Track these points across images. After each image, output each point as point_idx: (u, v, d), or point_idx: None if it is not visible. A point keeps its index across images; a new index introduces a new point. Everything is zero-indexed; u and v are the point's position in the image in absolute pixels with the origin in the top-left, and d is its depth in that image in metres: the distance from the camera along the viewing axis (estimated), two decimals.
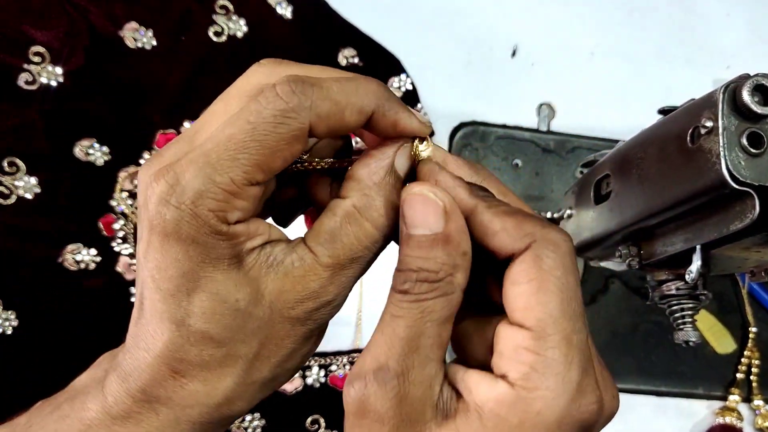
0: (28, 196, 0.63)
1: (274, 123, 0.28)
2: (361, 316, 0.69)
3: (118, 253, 0.64)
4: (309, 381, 0.65)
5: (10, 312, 0.61)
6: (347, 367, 0.66)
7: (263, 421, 0.63)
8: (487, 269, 0.32)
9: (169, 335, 0.30)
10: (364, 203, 0.31)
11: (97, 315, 0.63)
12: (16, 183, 0.63)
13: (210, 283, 0.29)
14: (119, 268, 0.64)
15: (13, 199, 0.63)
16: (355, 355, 0.66)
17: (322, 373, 0.65)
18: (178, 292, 0.29)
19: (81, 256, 0.63)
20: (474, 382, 0.29)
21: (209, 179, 0.28)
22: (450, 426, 0.29)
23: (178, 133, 0.68)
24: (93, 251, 0.64)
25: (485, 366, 0.30)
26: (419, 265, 0.29)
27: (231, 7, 0.71)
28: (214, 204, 0.28)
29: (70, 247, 0.63)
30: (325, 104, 0.29)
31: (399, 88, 0.73)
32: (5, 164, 0.63)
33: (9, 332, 0.61)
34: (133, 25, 0.69)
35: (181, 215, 0.28)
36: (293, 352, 0.32)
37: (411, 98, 0.72)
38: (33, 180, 0.64)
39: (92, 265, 0.63)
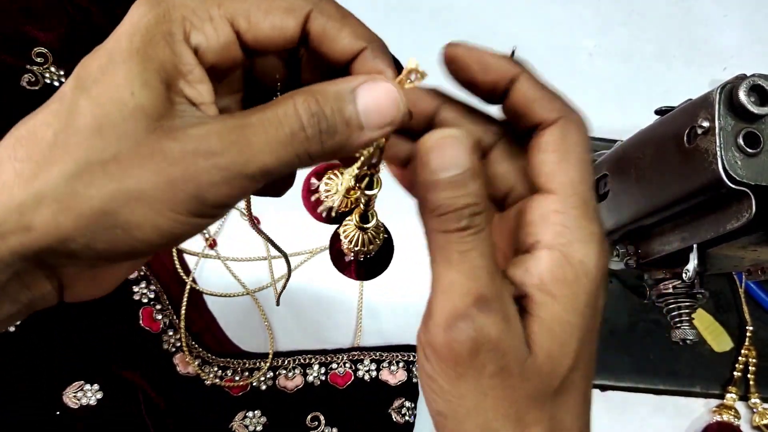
0: None
1: None
2: (362, 316, 0.69)
3: None
4: (309, 379, 0.65)
5: None
6: (347, 365, 0.66)
7: (264, 419, 0.64)
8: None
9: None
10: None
11: (99, 313, 0.63)
12: None
13: (123, 72, 0.28)
14: None
15: None
16: (355, 353, 0.67)
17: (323, 370, 0.66)
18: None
19: None
20: (520, 274, 0.31)
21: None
22: (534, 321, 0.30)
23: None
24: None
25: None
26: (466, 201, 0.29)
27: None
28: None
29: None
30: None
31: None
32: None
33: (12, 330, 0.61)
34: None
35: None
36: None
37: None
38: None
39: None
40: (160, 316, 0.64)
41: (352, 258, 0.41)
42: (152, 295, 0.64)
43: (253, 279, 0.69)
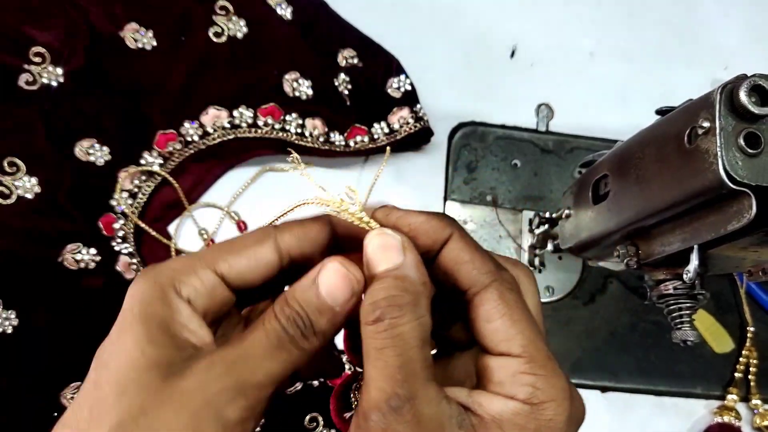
0: (29, 196, 0.63)
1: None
2: None
3: (119, 253, 0.65)
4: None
5: (10, 311, 0.61)
6: (347, 366, 0.66)
7: (262, 420, 0.63)
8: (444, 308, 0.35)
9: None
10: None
11: (96, 314, 0.63)
12: (17, 183, 0.63)
13: (132, 336, 0.32)
14: (119, 268, 0.64)
15: (13, 199, 0.63)
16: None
17: None
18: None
19: (81, 255, 0.63)
20: (485, 400, 0.31)
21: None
22: None
23: (178, 133, 0.68)
24: (93, 251, 0.64)
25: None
26: (385, 294, 0.31)
27: (231, 8, 0.72)
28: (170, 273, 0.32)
29: (70, 246, 0.63)
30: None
31: (398, 88, 0.73)
32: (5, 164, 0.63)
33: (9, 331, 0.61)
34: (134, 26, 0.69)
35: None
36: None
37: (410, 99, 0.73)
38: (33, 180, 0.64)
39: (92, 265, 0.64)
40: None
41: None
42: None
43: None
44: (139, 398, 0.30)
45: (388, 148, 0.72)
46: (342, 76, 0.72)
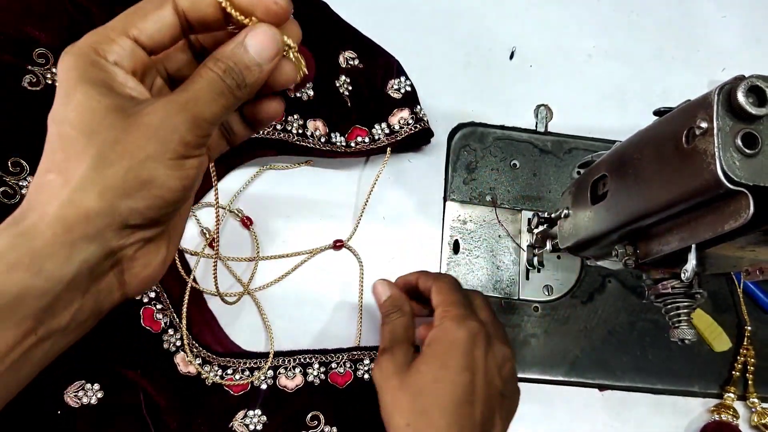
0: None
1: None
2: (362, 315, 0.70)
3: None
4: (309, 378, 0.65)
5: None
6: (347, 364, 0.66)
7: (264, 418, 0.64)
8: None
9: (48, 135, 0.37)
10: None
11: None
12: (21, 183, 0.63)
13: (81, 93, 0.36)
14: None
15: (17, 199, 0.63)
16: (355, 352, 0.67)
17: (323, 370, 0.66)
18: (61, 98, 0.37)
19: None
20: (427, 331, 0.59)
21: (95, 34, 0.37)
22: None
23: None
24: None
25: None
26: (387, 307, 0.63)
27: None
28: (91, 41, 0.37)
29: None
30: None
31: (398, 89, 0.73)
32: (9, 164, 0.63)
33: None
34: None
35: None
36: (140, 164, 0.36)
37: (410, 100, 0.73)
38: None
39: None
40: (160, 316, 0.64)
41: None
42: (153, 295, 0.65)
43: (254, 279, 0.70)
44: (111, 133, 0.35)
45: (388, 149, 0.72)
46: (342, 77, 0.73)
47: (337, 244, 0.71)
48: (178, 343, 0.64)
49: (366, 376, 0.66)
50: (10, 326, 0.35)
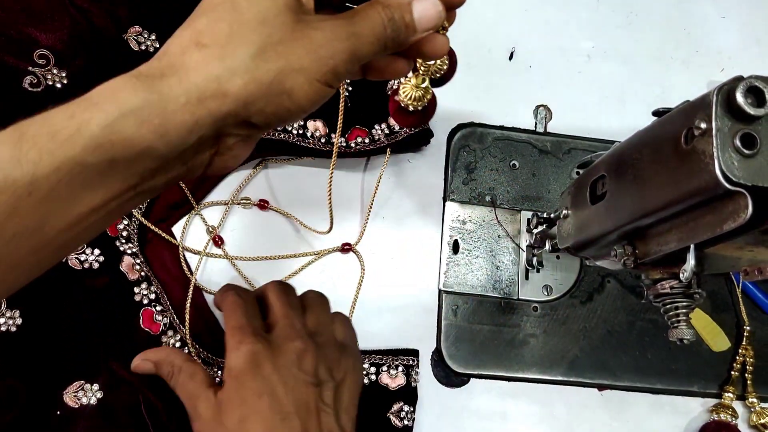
0: None
1: None
2: (360, 318, 0.70)
3: (123, 253, 0.65)
4: None
5: (14, 310, 0.61)
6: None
7: None
8: None
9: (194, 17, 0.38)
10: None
11: (100, 314, 0.63)
12: None
13: None
14: (123, 268, 0.64)
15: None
16: None
17: None
18: None
19: (85, 255, 0.64)
20: None
21: None
22: None
23: None
24: (96, 251, 0.64)
25: None
26: (164, 373, 0.58)
27: None
28: None
29: None
30: None
31: None
32: None
33: (13, 330, 0.61)
34: (137, 28, 0.69)
35: None
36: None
37: None
38: None
39: (96, 265, 0.64)
40: (160, 317, 0.64)
41: (410, 108, 0.54)
42: (153, 297, 0.65)
43: (257, 279, 0.70)
44: (278, 31, 0.37)
45: (388, 149, 0.72)
46: None
47: (345, 248, 0.71)
48: (178, 344, 0.64)
49: (365, 380, 0.66)
50: (122, 179, 0.36)
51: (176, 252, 0.68)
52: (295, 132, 0.70)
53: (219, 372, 0.65)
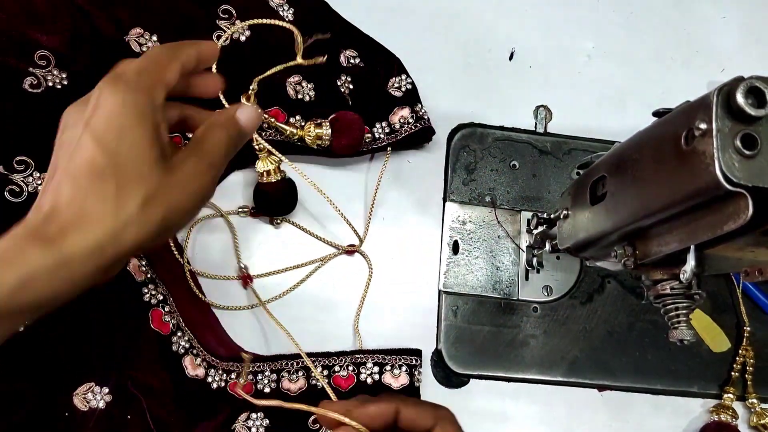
0: (41, 191, 0.64)
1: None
2: (365, 318, 0.70)
3: None
4: (313, 381, 0.65)
5: None
6: (350, 368, 0.66)
7: (267, 421, 0.64)
8: None
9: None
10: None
11: (105, 313, 0.63)
12: (27, 180, 0.63)
13: (139, 134, 0.41)
14: (129, 269, 0.64)
15: (24, 197, 0.63)
16: (358, 356, 0.67)
17: (326, 372, 0.66)
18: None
19: None
20: None
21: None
22: None
23: (184, 137, 0.68)
24: None
25: None
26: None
27: (233, 11, 0.72)
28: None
29: None
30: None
31: (399, 88, 0.73)
32: (14, 163, 0.63)
33: (20, 329, 0.61)
34: (138, 30, 0.69)
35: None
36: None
37: (411, 98, 0.73)
38: (44, 176, 0.64)
39: None
40: (168, 318, 0.64)
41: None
42: (160, 297, 0.65)
43: (259, 286, 0.70)
44: (155, 182, 0.41)
45: (389, 149, 0.72)
46: (344, 76, 0.73)
47: (350, 250, 0.71)
48: (187, 345, 0.64)
49: (369, 379, 0.66)
50: (16, 323, 0.40)
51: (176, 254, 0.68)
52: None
53: (224, 375, 0.65)
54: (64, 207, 0.39)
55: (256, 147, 0.67)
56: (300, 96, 0.71)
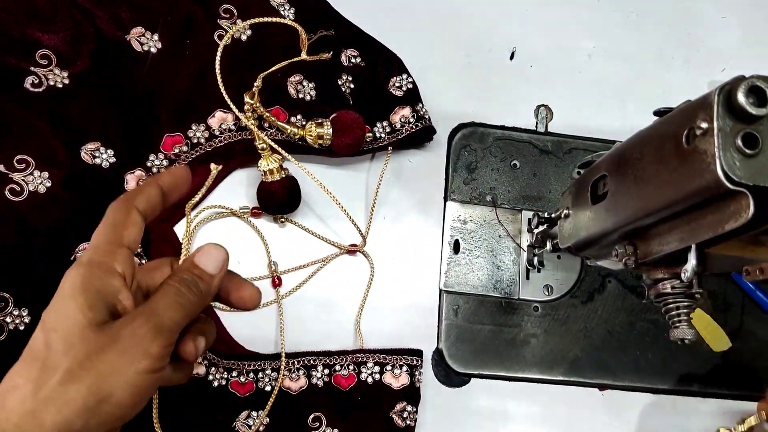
0: (41, 189, 0.64)
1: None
2: (366, 318, 0.70)
3: None
4: (314, 380, 0.66)
5: (22, 309, 0.61)
6: (351, 367, 0.67)
7: (267, 419, 0.64)
8: None
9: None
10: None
11: None
12: (27, 179, 0.63)
13: (74, 304, 0.41)
14: None
15: (25, 195, 0.63)
16: (359, 355, 0.67)
17: (326, 371, 0.66)
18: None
19: None
20: None
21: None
22: None
23: (185, 135, 0.68)
24: None
25: None
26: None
27: (235, 10, 0.72)
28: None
29: (83, 245, 0.64)
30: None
31: (400, 87, 0.73)
32: (15, 162, 0.63)
33: (21, 328, 0.61)
34: (139, 29, 0.69)
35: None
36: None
37: (412, 97, 0.73)
38: (44, 174, 0.64)
39: None
40: None
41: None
42: None
43: (261, 286, 0.70)
44: (84, 348, 0.39)
45: (390, 148, 0.72)
46: (344, 75, 0.73)
47: (352, 249, 0.72)
48: None
49: (369, 379, 0.66)
50: None
51: (178, 252, 0.68)
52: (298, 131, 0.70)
53: (226, 374, 0.65)
54: (1, 386, 0.40)
55: (259, 146, 0.66)
56: (301, 95, 0.71)
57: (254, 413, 0.64)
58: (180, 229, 0.69)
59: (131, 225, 0.45)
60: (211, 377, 0.64)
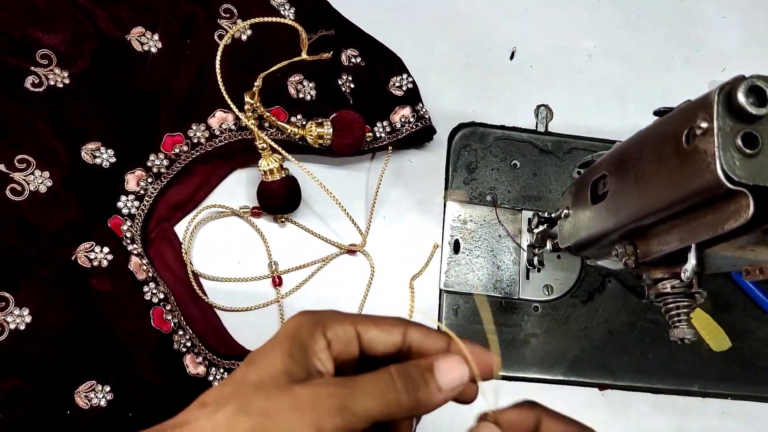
0: (42, 189, 0.64)
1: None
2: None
3: (130, 253, 0.65)
4: None
5: (23, 308, 0.61)
6: None
7: None
8: None
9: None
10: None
11: (109, 312, 0.63)
12: (28, 178, 0.63)
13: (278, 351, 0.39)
14: (131, 268, 0.64)
15: (26, 195, 0.63)
16: None
17: None
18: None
19: (94, 254, 0.64)
20: None
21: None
22: None
23: (185, 135, 0.68)
24: (106, 249, 0.64)
25: None
26: None
27: (235, 10, 0.72)
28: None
29: (84, 245, 0.64)
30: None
31: (400, 87, 0.73)
32: (16, 162, 0.63)
33: (22, 328, 0.61)
34: (140, 29, 0.69)
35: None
36: None
37: (412, 97, 0.73)
38: (45, 173, 0.64)
39: (105, 263, 0.64)
40: (169, 317, 0.64)
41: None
42: (161, 296, 0.65)
43: (261, 285, 0.70)
44: (268, 391, 0.37)
45: (390, 148, 0.72)
46: (345, 75, 0.73)
47: (352, 249, 0.72)
48: (189, 344, 0.64)
49: None
50: None
51: (178, 252, 0.68)
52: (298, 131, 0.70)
53: (225, 373, 0.65)
54: (188, 409, 0.40)
55: (259, 146, 0.66)
56: (301, 95, 0.71)
57: None
58: (180, 229, 0.69)
59: (381, 333, 0.42)
60: (211, 377, 0.64)
